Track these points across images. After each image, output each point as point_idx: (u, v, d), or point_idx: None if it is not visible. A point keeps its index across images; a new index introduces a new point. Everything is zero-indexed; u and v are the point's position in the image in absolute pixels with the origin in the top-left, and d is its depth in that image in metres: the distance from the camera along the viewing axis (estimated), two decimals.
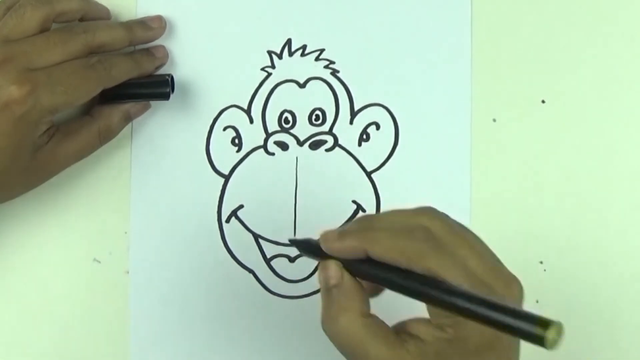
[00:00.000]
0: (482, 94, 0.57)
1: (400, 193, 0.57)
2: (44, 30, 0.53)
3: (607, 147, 0.56)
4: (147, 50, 0.57)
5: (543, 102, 0.57)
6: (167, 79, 0.56)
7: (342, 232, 0.44)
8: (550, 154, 0.56)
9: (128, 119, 0.57)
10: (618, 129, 0.56)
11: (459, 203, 0.56)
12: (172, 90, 0.57)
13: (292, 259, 0.57)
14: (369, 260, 0.43)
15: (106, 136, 0.56)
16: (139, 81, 0.56)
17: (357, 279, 0.44)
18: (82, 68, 0.52)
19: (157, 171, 0.59)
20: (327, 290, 0.44)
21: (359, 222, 0.45)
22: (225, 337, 0.58)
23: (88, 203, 0.59)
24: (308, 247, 0.46)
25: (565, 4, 0.57)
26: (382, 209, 0.57)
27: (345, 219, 0.57)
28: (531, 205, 0.56)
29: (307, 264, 0.57)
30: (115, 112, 0.56)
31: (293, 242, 0.48)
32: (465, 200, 0.56)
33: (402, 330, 0.44)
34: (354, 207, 0.57)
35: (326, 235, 0.44)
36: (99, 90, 0.54)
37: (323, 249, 0.44)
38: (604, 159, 0.56)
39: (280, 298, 0.58)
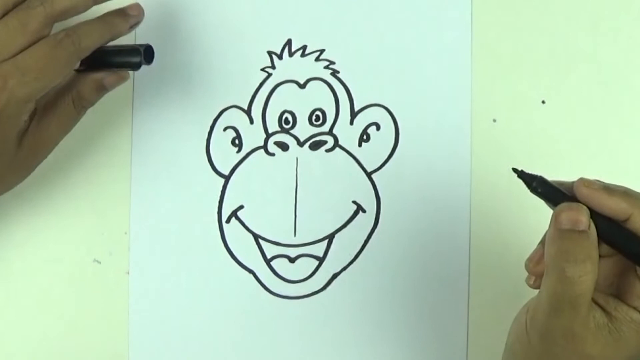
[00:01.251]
0: (482, 95, 0.57)
1: (401, 193, 0.57)
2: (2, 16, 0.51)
3: (607, 148, 0.56)
4: (120, 9, 0.55)
5: (543, 102, 0.57)
6: (139, 48, 0.54)
7: (609, 187, 0.43)
8: (550, 154, 0.56)
9: (102, 88, 0.54)
10: (618, 130, 0.56)
11: (459, 203, 0.56)
12: (150, 61, 0.55)
13: (292, 260, 0.57)
14: (614, 224, 0.43)
15: (81, 104, 0.54)
16: (109, 49, 0.54)
17: None
18: (51, 48, 0.50)
19: (157, 172, 0.59)
20: (567, 232, 0.42)
21: (616, 187, 0.44)
22: (225, 337, 0.58)
23: (88, 204, 0.59)
24: (542, 184, 0.45)
25: (565, 4, 0.57)
26: (382, 209, 0.57)
27: (346, 219, 0.57)
28: (531, 206, 0.56)
29: (307, 264, 0.57)
30: (87, 80, 0.54)
31: (520, 174, 0.45)
32: (465, 200, 0.56)
33: None
34: (354, 207, 0.57)
35: (589, 182, 0.43)
36: (73, 65, 0.52)
37: (581, 192, 0.43)
38: (603, 159, 0.56)
39: (280, 298, 0.58)
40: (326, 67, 0.58)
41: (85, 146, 0.59)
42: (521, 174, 0.45)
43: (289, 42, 0.58)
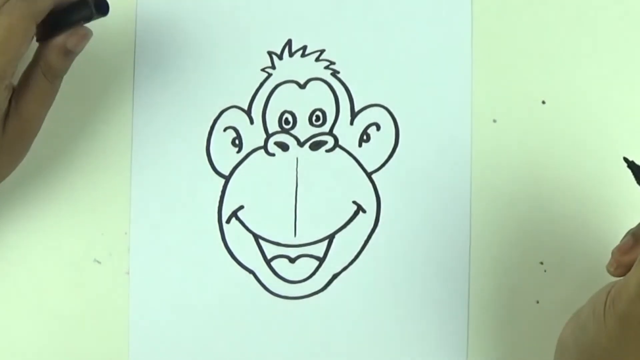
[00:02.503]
0: (482, 95, 0.57)
1: (401, 194, 0.57)
2: None
3: (607, 148, 0.56)
4: None
5: (543, 102, 0.57)
6: (87, 0, 0.52)
7: None
8: (550, 154, 0.56)
9: (67, 52, 0.53)
10: (618, 130, 0.56)
11: (459, 204, 0.56)
12: (106, 12, 0.53)
13: (292, 260, 0.57)
14: None
15: (52, 74, 0.53)
16: (59, 8, 0.52)
17: None
18: (6, 18, 0.49)
19: (157, 172, 0.59)
20: None
21: None
22: (225, 338, 0.58)
23: (88, 204, 0.59)
24: None
25: (566, 4, 0.57)
26: (383, 209, 0.57)
27: (346, 219, 0.57)
28: (531, 206, 0.56)
29: (307, 264, 0.57)
30: (50, 47, 0.53)
31: (630, 164, 0.46)
32: (466, 201, 0.56)
33: None
34: (355, 207, 0.57)
35: None
36: (32, 29, 0.51)
37: None
38: (604, 160, 0.56)
39: (281, 299, 0.58)
40: (326, 68, 0.58)
41: (85, 146, 0.59)
42: (631, 165, 0.46)
43: (289, 43, 0.58)
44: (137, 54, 0.59)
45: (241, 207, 0.58)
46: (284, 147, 0.58)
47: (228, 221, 0.58)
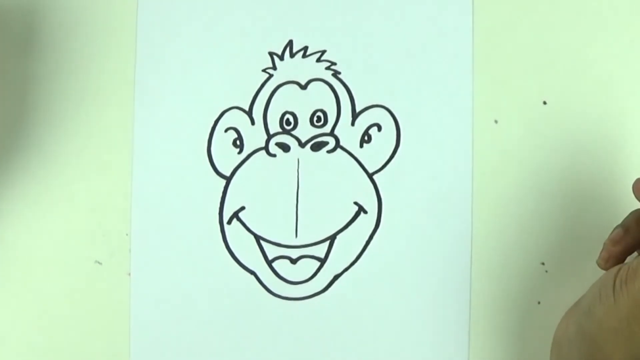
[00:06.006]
0: (483, 95, 0.57)
1: (402, 194, 0.57)
2: None
3: (607, 148, 0.56)
4: None
5: (544, 103, 0.57)
6: None
7: None
8: (551, 155, 0.56)
9: None
10: (619, 130, 0.56)
11: (460, 204, 0.56)
12: None
13: (293, 261, 0.57)
14: None
15: None
16: None
17: None
18: None
19: (158, 172, 0.59)
20: None
21: None
22: (226, 339, 0.58)
23: (89, 205, 0.59)
24: None
25: (566, 5, 0.57)
26: (384, 210, 0.57)
27: (347, 220, 0.57)
28: (533, 207, 0.56)
29: (309, 265, 0.57)
30: None
31: None
32: (467, 201, 0.56)
33: None
34: (356, 208, 0.57)
35: None
36: None
37: None
38: (604, 160, 0.56)
39: (282, 300, 0.58)
40: (327, 68, 0.58)
41: (86, 147, 0.59)
42: None
43: (290, 43, 0.58)
44: (138, 55, 0.59)
45: (242, 208, 0.58)
46: (285, 147, 0.58)
47: (229, 222, 0.58)
